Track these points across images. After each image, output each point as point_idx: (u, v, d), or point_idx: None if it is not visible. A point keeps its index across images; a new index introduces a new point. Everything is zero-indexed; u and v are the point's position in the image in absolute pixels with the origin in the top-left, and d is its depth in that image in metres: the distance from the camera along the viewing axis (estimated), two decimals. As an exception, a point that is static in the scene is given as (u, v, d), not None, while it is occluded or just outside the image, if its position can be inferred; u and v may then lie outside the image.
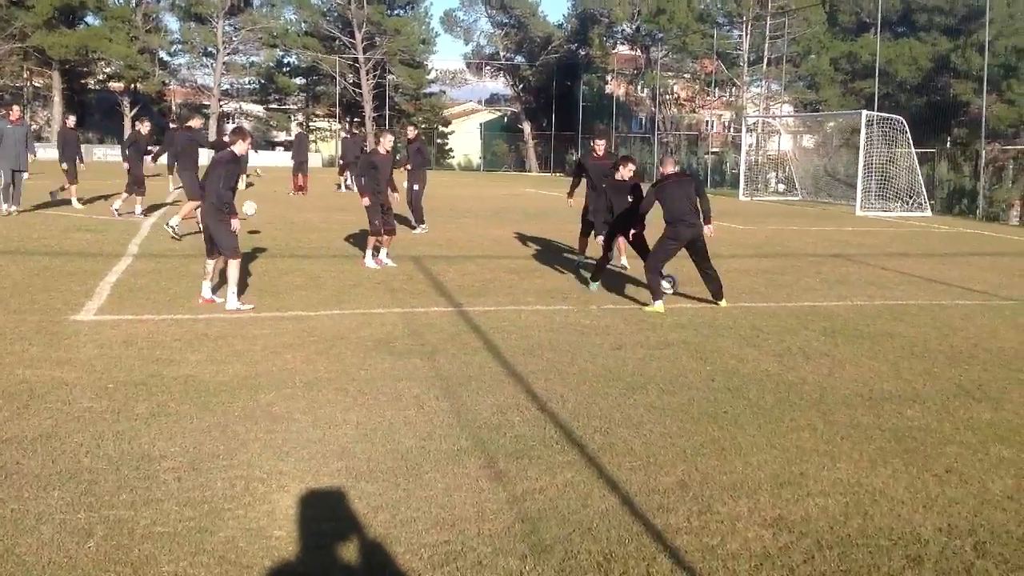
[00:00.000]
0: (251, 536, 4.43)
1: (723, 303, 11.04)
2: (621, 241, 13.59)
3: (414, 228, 18.45)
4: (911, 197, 31.75)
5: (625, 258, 14.04)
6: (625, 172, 11.89)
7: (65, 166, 21.11)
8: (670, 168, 11.24)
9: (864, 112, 32.83)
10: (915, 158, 32.21)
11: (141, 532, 4.42)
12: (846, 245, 19.34)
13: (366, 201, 13.19)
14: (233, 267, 9.94)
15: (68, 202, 21.14)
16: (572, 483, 5.23)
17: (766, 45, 54.42)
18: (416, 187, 18.46)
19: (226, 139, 10.76)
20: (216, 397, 6.65)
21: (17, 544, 4.24)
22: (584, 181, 14.12)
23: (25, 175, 18.66)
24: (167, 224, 15.72)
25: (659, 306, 10.64)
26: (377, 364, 7.79)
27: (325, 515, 4.73)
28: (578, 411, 6.64)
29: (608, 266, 12.84)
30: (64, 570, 4.03)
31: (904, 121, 32.51)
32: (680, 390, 7.28)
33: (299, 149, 29.34)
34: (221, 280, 10.37)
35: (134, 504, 4.73)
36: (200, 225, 10.55)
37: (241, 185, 18.17)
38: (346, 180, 29.97)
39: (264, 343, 8.39)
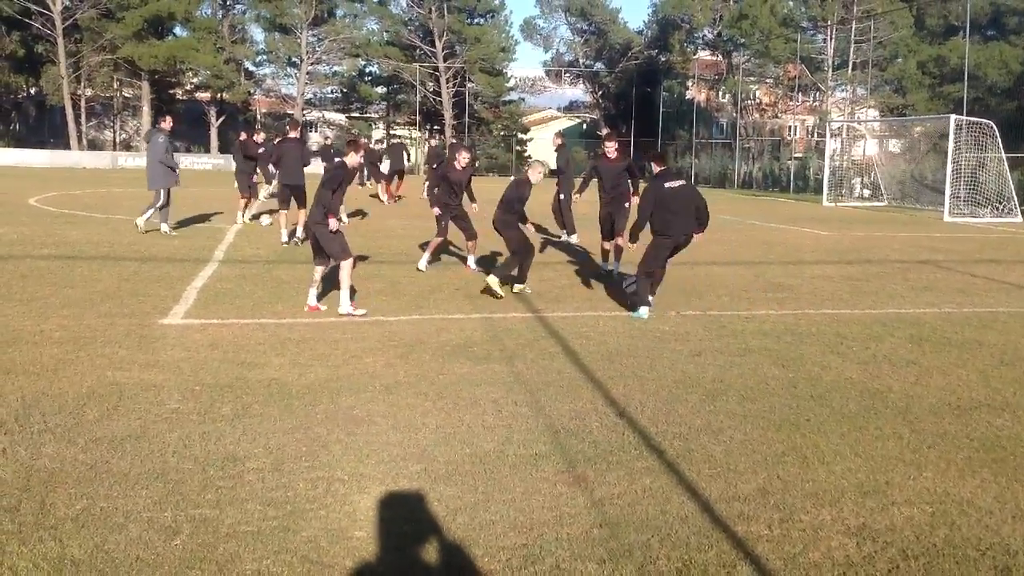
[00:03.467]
0: (333, 536, 4.48)
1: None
2: (621, 243, 13.53)
3: (559, 238, 18.32)
4: (1001, 203, 30.95)
5: (619, 263, 13.78)
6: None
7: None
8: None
9: (953, 116, 32.08)
10: (1005, 163, 31.41)
11: (226, 531, 4.50)
12: (934, 251, 18.91)
13: (436, 211, 13.43)
14: (345, 269, 10.10)
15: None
16: (651, 489, 5.20)
17: (851, 49, 53.51)
18: (563, 195, 18.18)
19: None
20: (299, 400, 6.76)
21: (106, 541, 4.35)
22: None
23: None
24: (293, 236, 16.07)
25: (644, 312, 10.41)
26: (456, 369, 7.83)
27: (405, 517, 4.77)
28: (657, 417, 6.59)
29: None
30: (151, 567, 4.13)
31: (994, 126, 31.73)
32: (761, 397, 7.19)
33: (396, 157, 29.69)
34: (326, 287, 10.57)
35: (219, 503, 4.82)
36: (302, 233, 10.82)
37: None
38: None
39: (345, 347, 8.50)
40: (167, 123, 17.33)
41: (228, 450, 5.63)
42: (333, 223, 9.97)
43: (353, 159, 10.46)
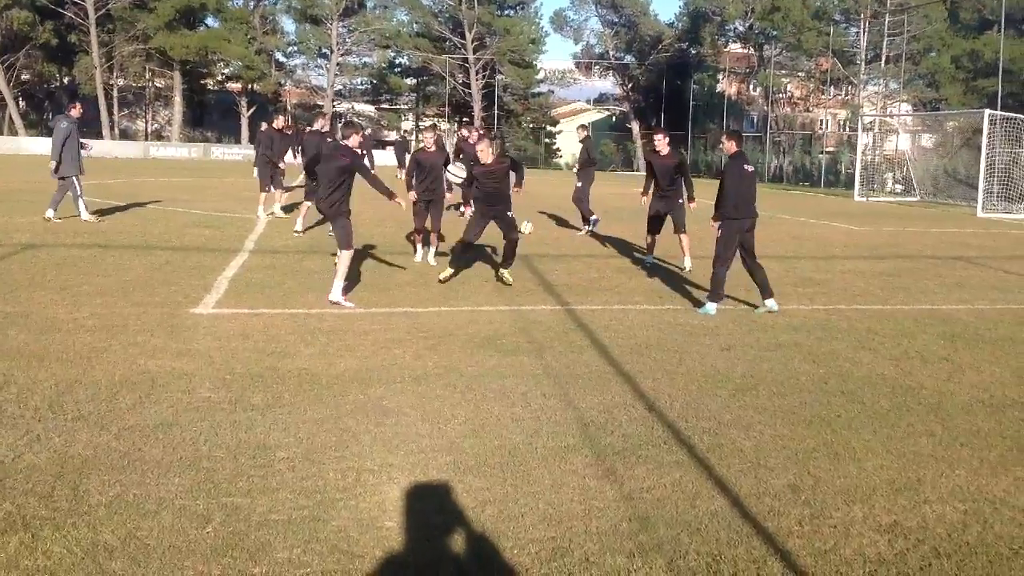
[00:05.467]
0: (362, 526, 4.50)
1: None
2: (684, 239, 13.43)
3: (580, 230, 18.41)
4: (1035, 199, 30.61)
5: (689, 258, 13.60)
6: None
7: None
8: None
9: (987, 111, 31.77)
10: (1041, 159, 31.06)
11: (257, 519, 4.53)
12: (967, 247, 18.73)
13: (412, 196, 13.11)
14: (345, 257, 10.16)
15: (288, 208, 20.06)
16: (680, 483, 5.18)
17: (884, 42, 53.04)
18: (580, 184, 18.27)
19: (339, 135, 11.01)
20: (328, 390, 6.78)
21: (139, 528, 4.39)
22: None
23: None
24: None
25: (712, 308, 10.36)
26: (485, 360, 7.84)
27: (434, 508, 4.78)
28: (686, 411, 6.57)
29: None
30: (183, 554, 4.16)
31: (1029, 121, 31.38)
32: (792, 392, 7.15)
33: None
34: (351, 282, 10.72)
35: (250, 492, 4.85)
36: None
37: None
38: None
39: (374, 338, 8.52)
40: (76, 110, 17.11)
41: (259, 439, 5.67)
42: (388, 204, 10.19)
43: (355, 140, 10.46)
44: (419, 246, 13.62)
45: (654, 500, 4.94)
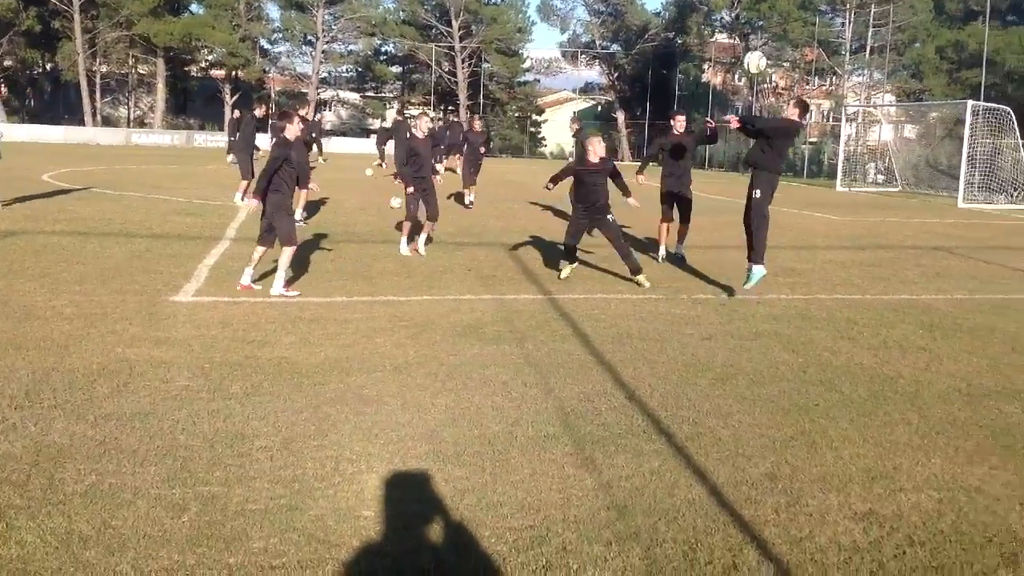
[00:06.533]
0: (340, 515, 4.50)
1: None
2: (665, 227, 13.34)
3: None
4: (1016, 189, 30.75)
5: (665, 248, 13.55)
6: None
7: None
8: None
9: (970, 102, 31.88)
10: (1022, 150, 31.18)
11: (234, 508, 4.52)
12: (947, 238, 18.82)
13: (411, 189, 13.08)
14: (287, 255, 9.98)
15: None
16: (659, 472, 5.20)
17: (869, 33, 53.15)
18: None
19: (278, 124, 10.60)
20: (308, 379, 6.77)
21: (114, 517, 4.38)
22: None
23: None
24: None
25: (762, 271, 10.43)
26: (466, 349, 7.83)
27: (412, 497, 4.78)
28: (666, 400, 6.59)
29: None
30: (159, 544, 4.15)
31: (1011, 112, 31.51)
32: (771, 382, 7.18)
33: (453, 135, 29.66)
34: (304, 268, 10.55)
35: (227, 481, 4.84)
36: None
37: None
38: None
39: (356, 327, 8.51)
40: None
41: (237, 428, 5.65)
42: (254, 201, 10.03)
43: (291, 131, 10.16)
44: (405, 237, 13.50)
45: (632, 489, 4.95)
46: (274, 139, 10.19)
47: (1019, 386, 7.30)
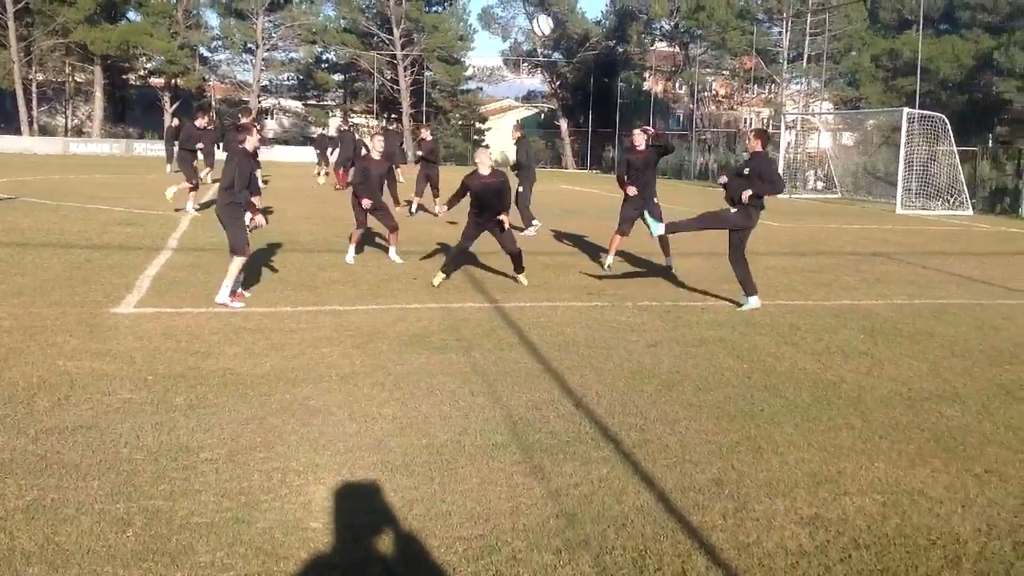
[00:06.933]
0: (288, 528, 4.46)
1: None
2: (619, 239, 13.27)
3: (523, 230, 17.74)
4: (952, 196, 31.38)
5: (611, 257, 13.35)
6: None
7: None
8: None
9: (905, 110, 32.50)
10: (957, 156, 31.83)
11: (179, 522, 4.46)
12: (886, 243, 19.15)
13: (367, 203, 13.03)
14: (236, 264, 9.88)
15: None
16: (607, 479, 5.22)
17: (806, 42, 54.03)
18: (521, 188, 17.88)
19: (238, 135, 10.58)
20: (254, 390, 6.70)
21: (57, 532, 4.29)
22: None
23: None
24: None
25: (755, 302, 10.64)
26: (413, 359, 7.81)
27: (361, 508, 4.75)
28: (613, 407, 6.62)
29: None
30: (103, 559, 4.08)
31: (946, 119, 32.15)
32: (716, 388, 7.25)
33: (345, 145, 29.57)
34: (252, 278, 10.48)
35: (172, 495, 4.77)
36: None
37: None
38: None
39: (301, 337, 8.44)
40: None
41: (181, 441, 5.58)
42: (259, 219, 10.07)
43: (251, 143, 10.12)
44: (353, 246, 13.43)
45: (581, 496, 4.96)
46: (229, 150, 10.14)
47: (959, 390, 7.44)
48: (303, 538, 4.36)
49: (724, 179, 10.98)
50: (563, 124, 71.45)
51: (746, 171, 10.55)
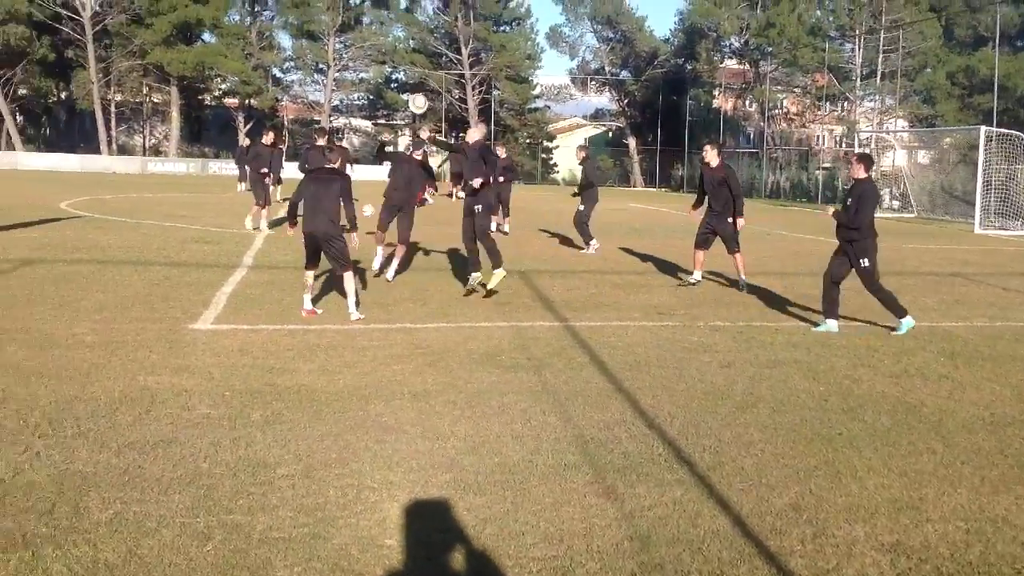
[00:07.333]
0: (363, 544, 4.48)
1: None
2: (739, 259, 13.24)
3: (582, 248, 17.90)
4: (1032, 216, 30.68)
5: (744, 277, 13.37)
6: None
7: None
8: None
9: (983, 128, 31.85)
10: (1036, 175, 31.14)
11: (257, 537, 4.51)
12: (965, 264, 18.75)
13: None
14: (349, 279, 10.24)
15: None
16: (681, 501, 5.17)
17: (880, 59, 53.18)
18: (583, 207, 17.90)
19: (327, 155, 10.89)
20: (328, 406, 6.77)
21: (139, 546, 4.37)
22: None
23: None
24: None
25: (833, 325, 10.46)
26: (484, 377, 7.83)
27: (434, 526, 4.77)
28: (686, 429, 6.56)
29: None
30: (184, 572, 4.14)
31: (1024, 137, 31.48)
32: (792, 410, 7.15)
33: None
34: (321, 291, 10.60)
35: (251, 509, 4.83)
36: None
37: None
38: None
39: (374, 354, 8.51)
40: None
41: (259, 456, 5.65)
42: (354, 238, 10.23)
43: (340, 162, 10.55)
44: (380, 248, 13.65)
45: (655, 519, 4.92)
46: (341, 173, 10.41)
47: (1042, 414, 7.25)
48: (378, 555, 4.38)
49: (830, 212, 10.74)
50: (631, 142, 71.22)
51: (849, 201, 10.40)
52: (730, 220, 13.19)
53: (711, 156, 13.37)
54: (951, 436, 6.59)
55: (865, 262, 10.29)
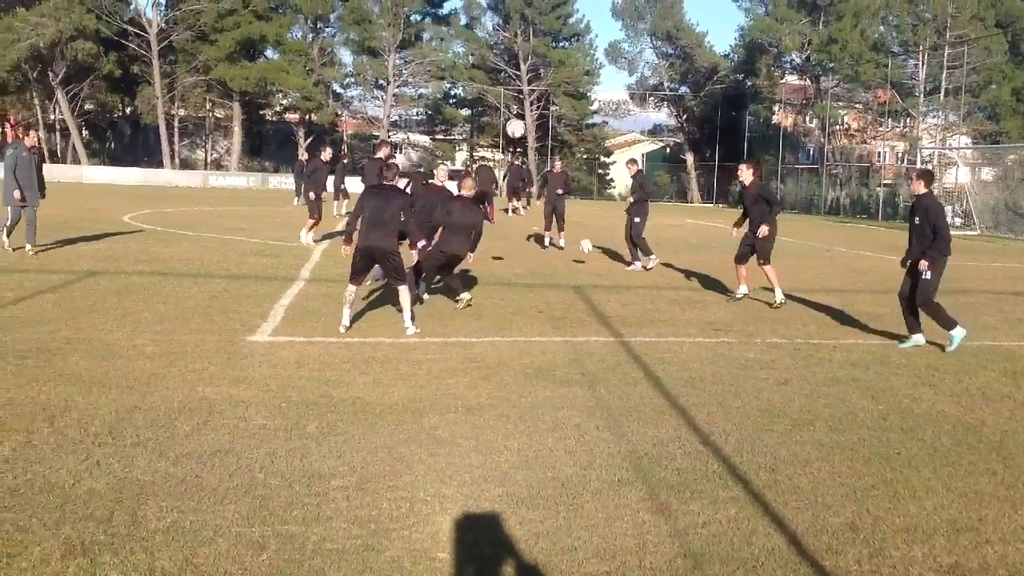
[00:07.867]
0: (416, 557, 4.50)
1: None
2: (770, 272, 13.16)
3: (629, 264, 17.79)
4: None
5: (779, 290, 13.22)
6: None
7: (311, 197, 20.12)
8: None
9: (1049, 144, 31.24)
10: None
11: (312, 548, 4.55)
12: (1029, 282, 18.37)
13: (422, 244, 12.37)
14: (404, 293, 10.31)
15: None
16: (736, 519, 5.13)
17: (944, 75, 52.43)
18: (637, 220, 17.78)
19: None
20: (382, 419, 6.81)
21: (196, 554, 4.43)
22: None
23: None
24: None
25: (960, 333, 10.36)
26: (538, 391, 7.83)
27: (487, 540, 4.77)
28: (741, 446, 6.51)
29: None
30: (239, 580, 4.19)
31: (1091, 154, 30.80)
32: (849, 428, 7.05)
33: (483, 180, 30.19)
34: (376, 305, 10.73)
35: (305, 520, 4.88)
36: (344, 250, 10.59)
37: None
38: (514, 205, 32.92)
39: (428, 368, 8.55)
40: (30, 139, 16.57)
41: (314, 467, 5.70)
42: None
43: (402, 181, 10.57)
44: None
45: (709, 536, 4.88)
46: (400, 190, 10.51)
47: (1109, 436, 7.07)
48: (431, 568, 4.40)
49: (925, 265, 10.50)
50: (689, 158, 70.97)
51: (916, 220, 10.29)
52: (757, 233, 13.16)
53: (745, 175, 13.54)
54: (1012, 457, 6.46)
55: (929, 274, 10.14)
